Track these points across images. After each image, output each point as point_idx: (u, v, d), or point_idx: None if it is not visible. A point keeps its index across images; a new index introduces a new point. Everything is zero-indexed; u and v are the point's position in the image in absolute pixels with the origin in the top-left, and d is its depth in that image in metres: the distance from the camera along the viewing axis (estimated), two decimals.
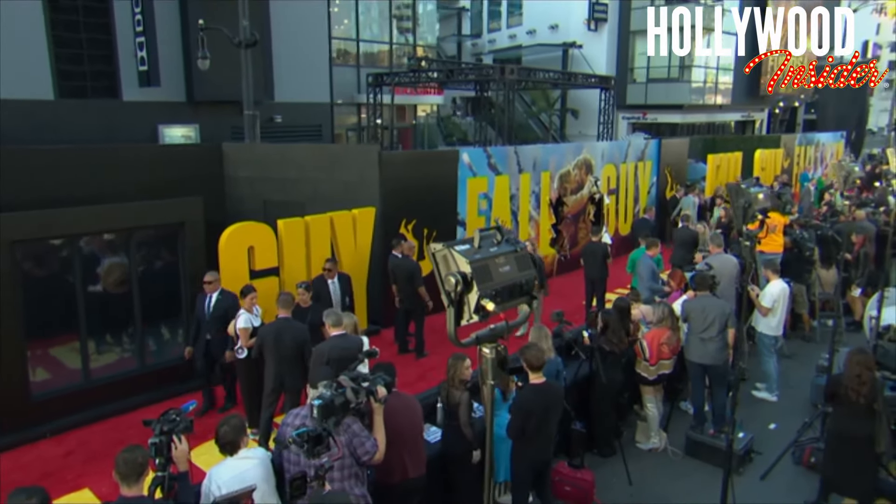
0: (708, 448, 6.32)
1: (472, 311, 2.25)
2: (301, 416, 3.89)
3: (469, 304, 2.24)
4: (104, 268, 7.23)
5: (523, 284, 2.49)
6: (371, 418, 3.89)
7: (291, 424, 3.84)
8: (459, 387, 5.09)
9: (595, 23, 34.91)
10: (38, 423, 6.58)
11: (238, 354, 6.27)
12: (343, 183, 9.66)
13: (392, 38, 24.11)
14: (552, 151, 12.80)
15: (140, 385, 7.36)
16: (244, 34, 11.07)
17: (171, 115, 17.58)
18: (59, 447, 6.48)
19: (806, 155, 23.86)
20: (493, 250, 2.31)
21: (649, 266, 8.80)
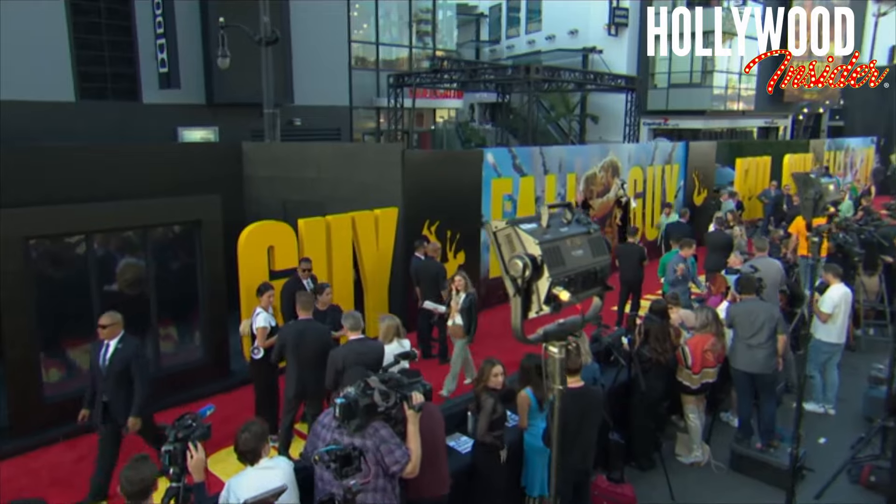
0: (755, 463, 5.90)
1: (543, 302, 1.92)
2: (331, 414, 3.57)
3: (539, 293, 1.91)
4: (119, 267, 7.01)
5: (598, 272, 2.15)
6: (404, 425, 3.56)
7: (328, 426, 3.53)
8: (485, 393, 4.75)
9: (615, 27, 34.52)
10: (50, 426, 6.33)
11: (255, 355, 5.98)
12: (364, 183, 9.38)
13: (412, 43, 23.90)
14: (578, 153, 12.44)
15: (156, 388, 7.07)
16: (265, 31, 10.86)
17: (191, 117, 17.45)
18: (71, 452, 6.23)
19: (835, 160, 23.27)
20: (563, 230, 1.98)
21: (676, 263, 8.45)
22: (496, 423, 4.74)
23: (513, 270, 1.85)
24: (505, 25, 43.53)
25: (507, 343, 9.35)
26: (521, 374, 5.03)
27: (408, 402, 3.52)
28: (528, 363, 5.01)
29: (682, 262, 8.64)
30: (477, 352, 8.95)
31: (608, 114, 34.90)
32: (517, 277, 1.85)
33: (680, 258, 8.70)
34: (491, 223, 1.95)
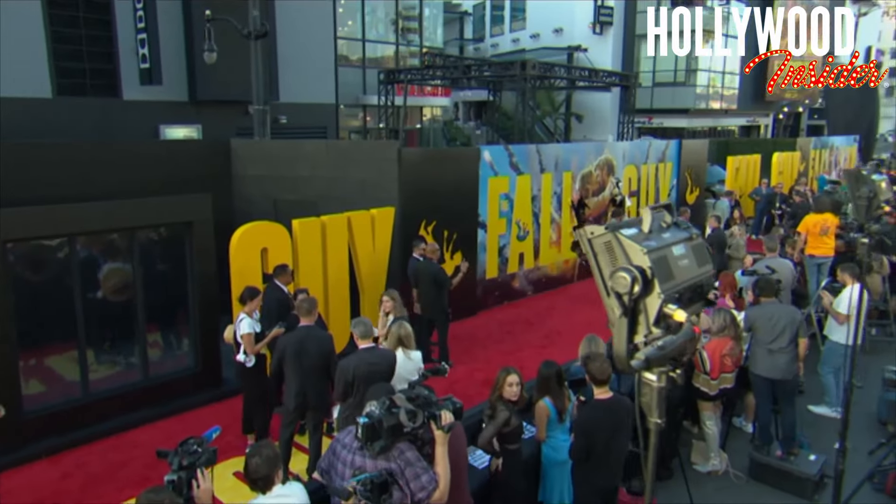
0: (775, 471, 5.70)
1: (652, 323, 1.64)
2: (353, 433, 3.27)
3: (647, 313, 1.62)
4: (103, 272, 6.62)
5: (703, 284, 1.87)
6: (432, 447, 3.26)
7: (349, 446, 3.22)
8: (500, 403, 4.46)
9: (600, 26, 34.49)
10: (30, 441, 5.94)
11: (247, 363, 5.62)
12: (359, 181, 9.05)
13: (398, 40, 23.54)
14: (574, 151, 12.22)
15: (144, 399, 6.72)
16: (254, 25, 10.47)
17: (173, 114, 16.97)
18: (54, 469, 5.83)
19: (821, 158, 23.35)
20: (666, 236, 1.71)
21: None
22: (510, 436, 4.47)
23: (618, 286, 1.57)
24: (489, 24, 43.33)
25: (504, 346, 9.13)
26: (539, 383, 4.76)
27: (436, 421, 3.22)
28: (547, 371, 4.74)
29: None
30: (471, 357, 8.70)
31: (593, 112, 34.88)
32: (623, 294, 1.56)
33: None
34: (585, 228, 1.66)
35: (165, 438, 6.42)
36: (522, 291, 11.43)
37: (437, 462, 3.22)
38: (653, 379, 1.76)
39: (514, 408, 4.51)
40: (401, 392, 3.29)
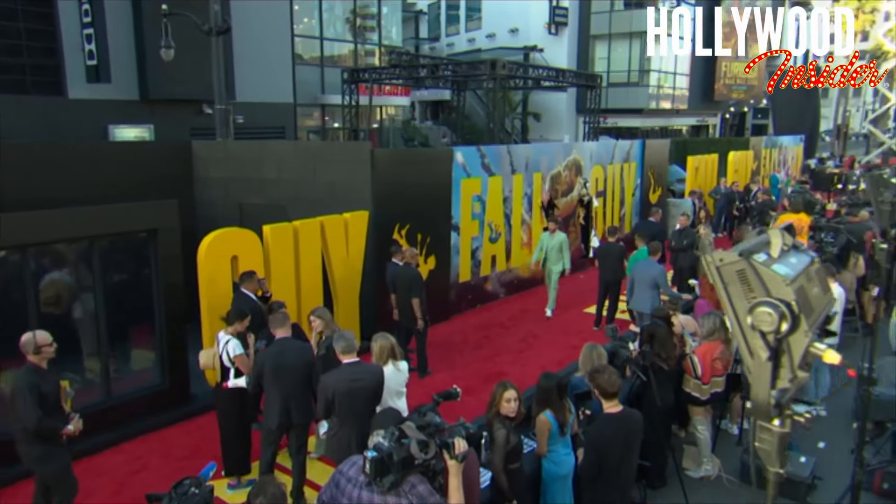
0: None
1: (798, 365, 1.43)
2: (358, 465, 3.00)
3: (792, 354, 1.42)
4: (43, 283, 6.05)
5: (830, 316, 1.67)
6: (445, 478, 3.01)
7: (354, 480, 2.95)
8: (497, 421, 4.24)
9: (556, 27, 34.74)
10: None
11: (241, 383, 5.24)
12: (329, 184, 8.73)
13: (356, 38, 23.10)
14: (543, 151, 12.14)
15: (108, 420, 6.24)
16: (215, 20, 9.98)
17: (123, 114, 16.15)
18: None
19: (771, 157, 24.02)
20: (793, 261, 1.51)
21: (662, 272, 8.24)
22: (511, 455, 4.26)
23: (762, 323, 1.35)
24: (444, 23, 43.19)
25: (482, 351, 8.93)
26: (539, 396, 4.56)
27: (449, 450, 2.97)
28: (547, 383, 4.55)
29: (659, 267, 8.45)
30: (450, 364, 8.49)
31: (549, 112, 35.13)
32: (769, 333, 1.35)
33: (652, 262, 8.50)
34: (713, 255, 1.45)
35: (132, 462, 6.00)
36: (495, 294, 11.28)
37: (450, 495, 2.97)
38: (776, 426, 1.57)
39: (512, 424, 4.31)
40: (409, 420, 3.04)
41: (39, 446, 4.47)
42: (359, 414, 4.52)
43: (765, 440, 1.58)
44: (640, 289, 8.40)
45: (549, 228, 10.39)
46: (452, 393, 3.31)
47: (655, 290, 8.17)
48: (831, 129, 48.40)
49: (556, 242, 10.10)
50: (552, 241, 10.12)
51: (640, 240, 9.39)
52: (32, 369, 4.49)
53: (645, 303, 8.20)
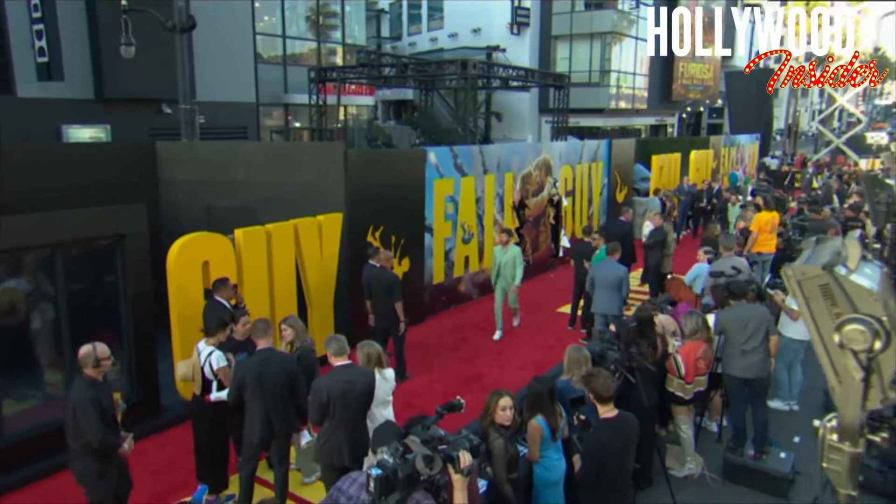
0: (751, 472, 5.73)
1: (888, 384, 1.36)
2: (359, 483, 2.87)
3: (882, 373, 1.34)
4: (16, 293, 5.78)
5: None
6: (449, 493, 2.90)
7: (355, 498, 2.82)
8: (493, 430, 4.15)
9: (518, 27, 34.90)
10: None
11: (224, 396, 5.02)
12: (301, 185, 8.53)
13: (319, 36, 22.73)
14: (514, 151, 12.12)
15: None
16: (179, 17, 9.62)
17: (77, 113, 15.52)
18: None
19: (729, 156, 24.59)
20: (868, 272, 1.44)
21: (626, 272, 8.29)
22: (510, 464, 4.18)
23: (854, 342, 1.28)
24: (406, 22, 43.00)
25: (460, 354, 8.84)
26: (530, 401, 4.47)
27: (454, 464, 2.88)
28: (538, 388, 4.47)
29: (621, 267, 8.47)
30: (428, 368, 8.39)
31: (512, 112, 35.30)
32: (861, 352, 1.28)
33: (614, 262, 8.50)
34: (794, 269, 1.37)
35: None
36: (468, 295, 11.21)
37: None
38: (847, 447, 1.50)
39: (507, 433, 4.22)
40: (413, 434, 2.92)
41: (98, 463, 4.38)
42: (351, 418, 4.46)
43: (835, 461, 1.53)
44: (602, 290, 8.17)
45: (501, 242, 9.42)
46: (456, 404, 3.21)
47: (619, 290, 8.11)
48: (782, 128, 49.93)
49: (510, 257, 9.25)
50: (504, 256, 9.26)
51: (599, 239, 9.33)
52: (90, 382, 4.40)
53: (612, 304, 8.06)
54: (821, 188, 17.32)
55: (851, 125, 54.46)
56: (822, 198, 13.34)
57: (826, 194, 14.04)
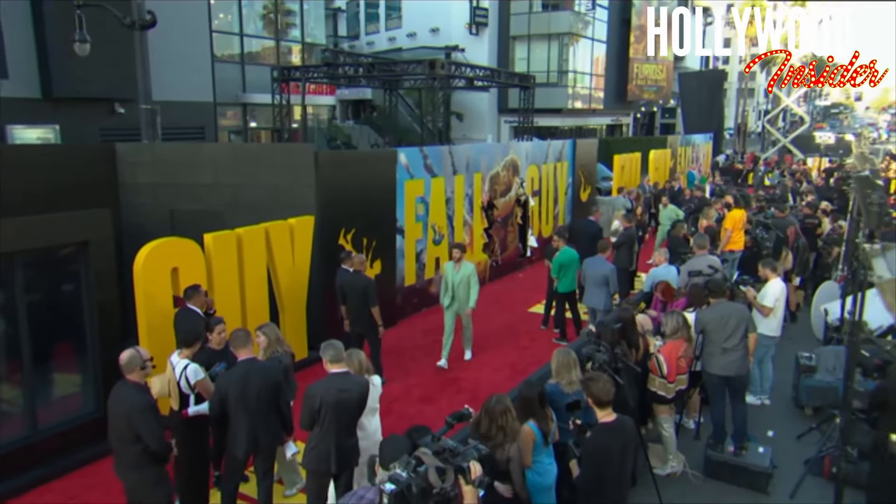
0: (731, 468, 5.81)
1: None
2: (367, 499, 2.76)
3: None
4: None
5: None
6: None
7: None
8: (504, 438, 4.04)
9: (476, 27, 35.02)
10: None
11: (203, 409, 4.81)
12: (270, 188, 8.30)
13: (278, 35, 22.30)
14: (483, 152, 12.09)
15: (32, 457, 5.63)
16: (138, 13, 9.23)
17: (23, 113, 14.81)
18: None
19: (686, 155, 25.16)
20: None
21: (613, 271, 8.35)
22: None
23: None
24: (364, 21, 42.66)
25: (435, 357, 8.74)
26: (521, 405, 4.41)
27: (465, 476, 2.80)
28: (529, 392, 4.43)
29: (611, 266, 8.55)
30: (404, 372, 8.27)
31: (471, 112, 35.40)
32: None
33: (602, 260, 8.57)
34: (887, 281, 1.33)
35: (67, 502, 5.43)
36: (438, 297, 11.10)
37: None
38: None
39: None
40: (422, 446, 2.83)
41: (154, 470, 4.27)
42: (342, 426, 4.38)
43: None
44: (591, 286, 8.45)
45: (454, 258, 8.25)
46: (465, 414, 3.13)
47: (607, 287, 8.25)
48: (731, 127, 51.53)
49: (463, 276, 8.13)
50: (457, 275, 8.12)
51: (559, 241, 9.33)
52: (139, 388, 4.29)
53: (599, 300, 8.29)
54: (777, 186, 17.83)
55: (794, 125, 56.66)
56: (779, 196, 13.73)
57: (783, 192, 14.49)
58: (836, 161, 26.79)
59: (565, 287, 9.04)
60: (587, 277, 8.53)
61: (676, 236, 10.58)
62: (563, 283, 9.04)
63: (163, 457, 4.30)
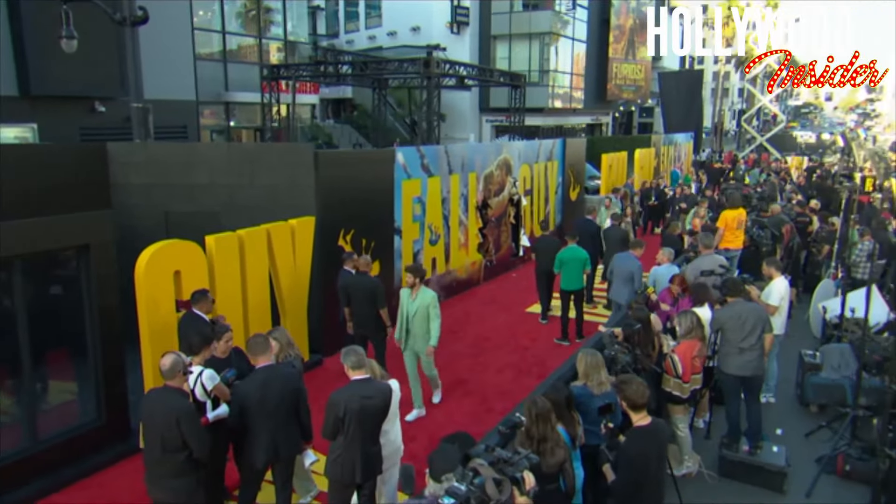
0: (746, 467, 5.81)
1: None
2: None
3: None
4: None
5: None
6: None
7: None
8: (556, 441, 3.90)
9: (457, 26, 34.94)
10: None
11: (222, 412, 4.64)
12: (268, 188, 8.12)
13: (261, 33, 21.96)
14: (477, 151, 12.02)
15: (33, 468, 5.41)
16: (129, 8, 8.95)
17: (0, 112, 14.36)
18: None
19: (668, 154, 25.37)
20: None
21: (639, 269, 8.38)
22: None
23: None
24: (343, 19, 42.33)
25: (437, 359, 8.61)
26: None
27: (519, 486, 2.71)
28: (556, 395, 4.34)
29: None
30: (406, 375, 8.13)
31: (453, 111, 35.31)
32: None
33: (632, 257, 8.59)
34: None
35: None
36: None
37: None
38: None
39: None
40: (476, 457, 2.73)
41: (195, 476, 4.18)
42: (367, 434, 4.27)
43: None
44: (618, 281, 8.53)
45: (408, 283, 6.95)
46: (517, 422, 3.03)
47: (632, 283, 8.28)
48: (708, 126, 52.16)
49: (420, 306, 6.83)
50: (413, 304, 6.85)
51: (570, 238, 9.37)
52: (182, 393, 4.18)
53: (622, 295, 8.33)
54: (763, 185, 18.05)
55: (766, 124, 57.60)
56: (767, 195, 13.89)
57: (771, 192, 14.67)
58: (817, 160, 27.23)
59: (567, 284, 9.07)
60: (616, 273, 8.57)
61: (671, 235, 10.62)
62: (564, 279, 9.09)
63: (204, 463, 4.20)
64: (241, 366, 5.16)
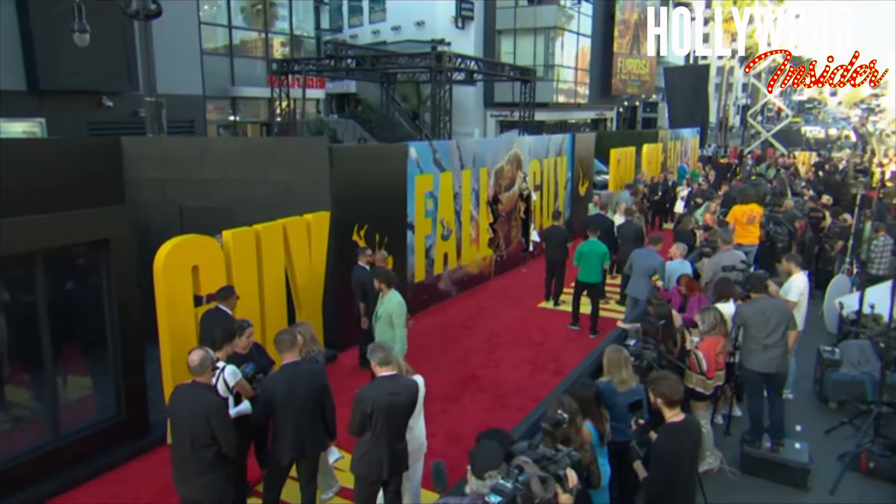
0: (769, 464, 5.78)
1: None
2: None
3: None
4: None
5: None
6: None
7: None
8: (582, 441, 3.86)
9: (462, 20, 34.81)
10: None
11: (244, 409, 4.63)
12: (282, 183, 8.08)
13: (267, 27, 21.89)
14: (488, 146, 11.96)
15: (55, 463, 5.39)
16: (143, 2, 8.88)
17: (8, 106, 14.30)
18: None
19: (675, 149, 25.29)
20: None
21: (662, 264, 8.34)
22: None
23: None
24: (347, 14, 42.16)
25: (450, 355, 8.62)
26: (578, 405, 4.29)
27: (562, 484, 2.68)
28: (585, 392, 4.30)
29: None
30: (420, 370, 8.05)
31: (457, 106, 35.18)
32: None
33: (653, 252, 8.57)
34: None
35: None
36: (447, 293, 10.99)
37: None
38: None
39: None
40: (521, 454, 2.70)
41: (224, 471, 4.17)
42: (393, 431, 4.25)
43: None
44: (637, 276, 8.43)
45: (377, 289, 6.65)
46: (561, 419, 3.00)
47: (650, 278, 8.25)
48: (713, 122, 51.99)
49: (384, 312, 6.50)
50: (380, 308, 6.58)
51: (591, 232, 9.46)
52: (211, 388, 4.21)
53: (642, 290, 8.28)
54: (773, 180, 17.96)
55: (770, 119, 57.40)
56: (778, 191, 13.83)
57: (781, 187, 14.59)
58: (826, 155, 27.12)
59: (584, 277, 9.18)
60: (636, 268, 8.48)
61: (684, 230, 10.57)
62: (582, 271, 9.20)
63: (232, 458, 4.19)
64: (261, 361, 5.16)
